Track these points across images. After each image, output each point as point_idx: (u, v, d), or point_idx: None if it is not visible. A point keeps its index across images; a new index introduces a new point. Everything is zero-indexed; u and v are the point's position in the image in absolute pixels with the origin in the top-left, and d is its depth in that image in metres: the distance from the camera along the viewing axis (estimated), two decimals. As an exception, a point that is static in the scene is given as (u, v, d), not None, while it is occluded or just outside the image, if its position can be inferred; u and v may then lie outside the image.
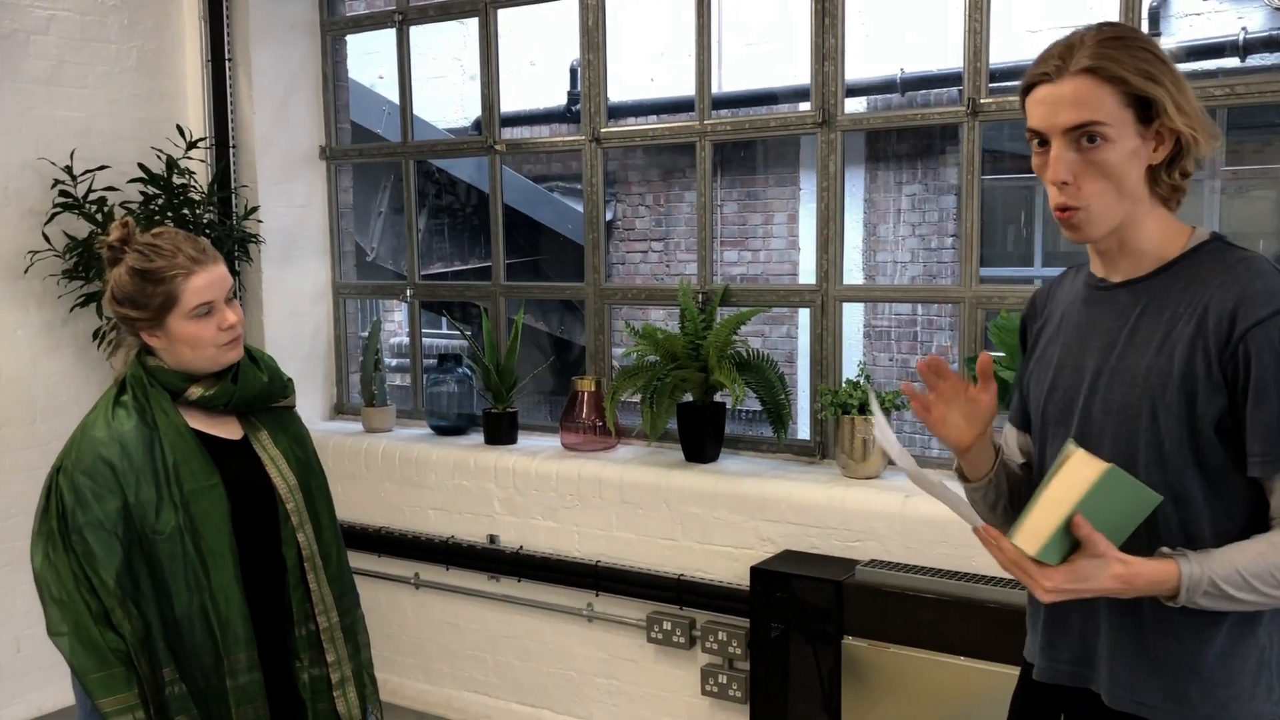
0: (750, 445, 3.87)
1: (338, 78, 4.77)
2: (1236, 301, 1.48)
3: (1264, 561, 1.47)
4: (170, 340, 2.04)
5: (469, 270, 8.16)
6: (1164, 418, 1.53)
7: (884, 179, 7.59)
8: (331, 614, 2.17)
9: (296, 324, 4.62)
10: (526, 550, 3.93)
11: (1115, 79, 1.49)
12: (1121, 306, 1.61)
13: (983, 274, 3.50)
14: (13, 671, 4.10)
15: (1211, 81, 3.18)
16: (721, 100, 7.03)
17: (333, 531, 2.22)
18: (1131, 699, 1.59)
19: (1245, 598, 1.47)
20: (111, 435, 2.02)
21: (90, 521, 1.96)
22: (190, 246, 2.03)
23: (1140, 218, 1.57)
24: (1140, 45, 1.52)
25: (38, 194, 4.07)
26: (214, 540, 2.02)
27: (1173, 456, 1.53)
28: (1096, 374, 1.61)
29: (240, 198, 4.45)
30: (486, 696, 4.12)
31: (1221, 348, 1.49)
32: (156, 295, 2.01)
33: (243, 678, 2.04)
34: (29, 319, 4.13)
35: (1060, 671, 1.68)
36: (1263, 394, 1.47)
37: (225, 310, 2.04)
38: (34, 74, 4.08)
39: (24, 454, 4.10)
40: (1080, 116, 1.50)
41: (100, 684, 1.94)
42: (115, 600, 1.95)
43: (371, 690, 2.26)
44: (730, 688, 3.49)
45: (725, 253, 7.97)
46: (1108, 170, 1.51)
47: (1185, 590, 1.48)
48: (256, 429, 2.15)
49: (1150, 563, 1.49)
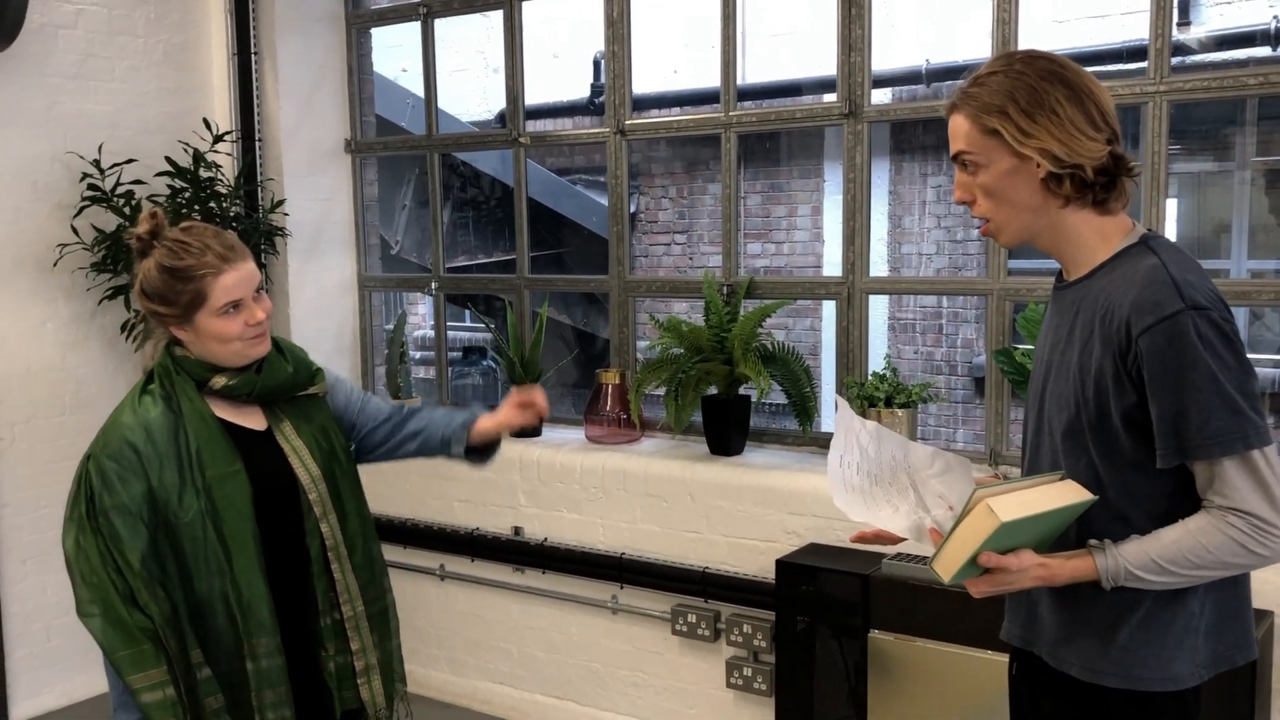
0: (775, 438, 3.86)
1: (363, 71, 4.78)
2: (1130, 308, 1.62)
3: (1178, 548, 1.62)
4: (198, 336, 2.06)
5: (493, 263, 8.17)
6: (1085, 411, 1.68)
7: (909, 171, 7.55)
8: (356, 603, 2.18)
9: (322, 317, 4.64)
10: (551, 542, 3.94)
11: (969, 114, 1.70)
12: (1066, 305, 1.76)
13: (1010, 266, 3.47)
14: (44, 660, 4.14)
15: (1243, 71, 3.15)
16: (745, 92, 7.00)
17: (359, 521, 2.21)
18: (1066, 659, 1.75)
19: (1164, 580, 1.63)
20: (137, 421, 2.04)
21: (116, 505, 2.00)
22: (218, 243, 2.03)
23: (1058, 224, 1.72)
24: (1006, 75, 1.67)
25: (66, 187, 4.10)
26: (236, 526, 2.03)
27: (1099, 449, 1.68)
28: (1047, 369, 1.78)
29: (266, 191, 4.46)
30: (511, 688, 4.13)
31: (1124, 351, 1.63)
32: (185, 293, 2.02)
33: (264, 662, 2.05)
34: (58, 311, 4.16)
35: (1014, 635, 1.89)
36: (1155, 394, 1.61)
37: (253, 307, 2.06)
38: (62, 68, 4.11)
39: (53, 445, 4.13)
40: (955, 147, 1.74)
41: (129, 661, 1.97)
42: (141, 582, 1.98)
43: (399, 678, 2.27)
44: (755, 681, 3.49)
45: (749, 245, 7.94)
46: (989, 190, 1.71)
47: (1104, 580, 1.65)
48: (279, 420, 2.16)
49: (1069, 562, 1.66)
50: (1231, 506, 1.60)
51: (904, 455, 1.78)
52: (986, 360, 3.51)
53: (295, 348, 2.25)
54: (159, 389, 2.08)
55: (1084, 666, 1.73)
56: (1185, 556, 1.62)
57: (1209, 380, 1.58)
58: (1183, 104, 3.18)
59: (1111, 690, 1.71)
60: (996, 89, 1.68)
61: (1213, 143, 6.59)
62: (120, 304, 4.11)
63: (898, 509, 1.78)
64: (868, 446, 1.78)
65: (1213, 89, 3.12)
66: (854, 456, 1.78)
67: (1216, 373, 1.58)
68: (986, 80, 1.70)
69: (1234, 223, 6.53)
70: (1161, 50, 3.12)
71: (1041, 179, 1.68)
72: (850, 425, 1.79)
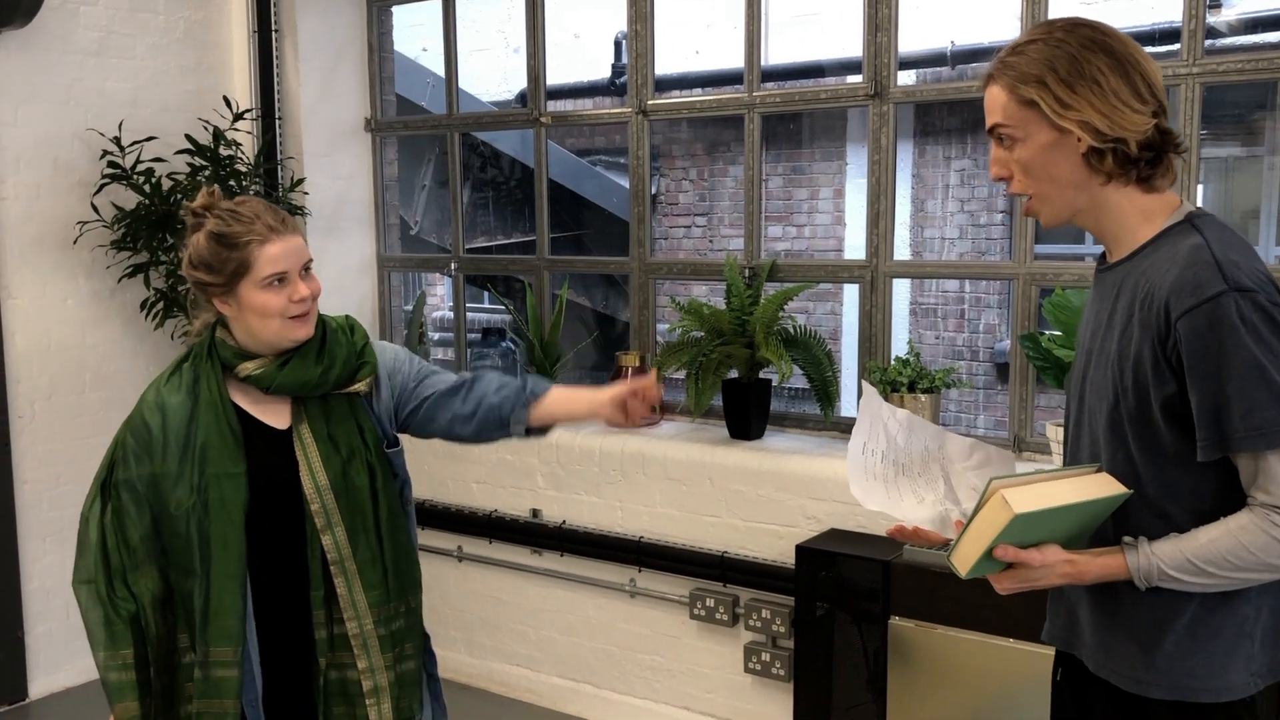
0: (796, 422, 3.83)
1: (383, 49, 4.75)
2: (1169, 290, 1.53)
3: (1216, 548, 1.52)
4: (241, 309, 1.99)
5: (512, 244, 8.15)
6: (1124, 400, 1.59)
7: (932, 154, 7.47)
8: (365, 620, 2.03)
9: (341, 297, 4.63)
10: (569, 525, 3.92)
11: (1006, 85, 1.62)
12: (1107, 289, 1.67)
13: (1036, 250, 3.42)
14: (63, 637, 4.15)
15: (1276, 53, 3.09)
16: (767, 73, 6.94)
17: (378, 536, 2.05)
18: (1107, 666, 1.66)
19: (1202, 582, 1.53)
20: (158, 401, 2.03)
21: (126, 479, 2.00)
22: (270, 216, 2.00)
23: (1100, 202, 1.63)
24: (1047, 44, 1.59)
25: (86, 165, 4.10)
26: (222, 529, 1.97)
27: (1138, 439, 1.59)
28: (1088, 356, 1.70)
29: (286, 169, 4.45)
30: (528, 670, 4.13)
31: (1162, 336, 1.54)
32: (231, 261, 1.96)
33: (217, 671, 1.97)
34: (78, 289, 4.16)
35: (1056, 637, 1.79)
36: (1194, 382, 1.51)
37: (299, 283, 1.99)
38: (83, 45, 4.10)
39: (74, 422, 4.14)
40: (991, 120, 1.65)
41: (102, 637, 1.97)
42: (138, 559, 1.98)
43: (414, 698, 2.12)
44: (774, 666, 3.47)
45: (770, 228, 7.89)
46: (1027, 165, 1.63)
47: (1137, 580, 1.56)
48: (301, 419, 2.04)
49: (1098, 559, 1.58)
50: (1276, 505, 1.50)
51: (939, 446, 1.73)
52: (1011, 346, 3.47)
53: (343, 338, 2.08)
54: (189, 371, 2.04)
55: (1127, 676, 1.64)
56: (1224, 557, 1.51)
57: (1253, 367, 1.48)
58: (1213, 87, 3.13)
59: (1156, 702, 1.61)
60: (1035, 58, 1.59)
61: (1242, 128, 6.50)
62: (140, 282, 4.11)
63: (923, 500, 1.72)
64: (896, 435, 1.73)
65: (1246, 71, 3.07)
66: (879, 444, 1.73)
67: (1261, 359, 1.48)
68: (1025, 49, 1.61)
69: (1263, 209, 6.45)
70: (1195, 31, 3.06)
71: (1082, 154, 1.59)
72: (878, 413, 1.74)
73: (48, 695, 4.14)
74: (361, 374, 2.08)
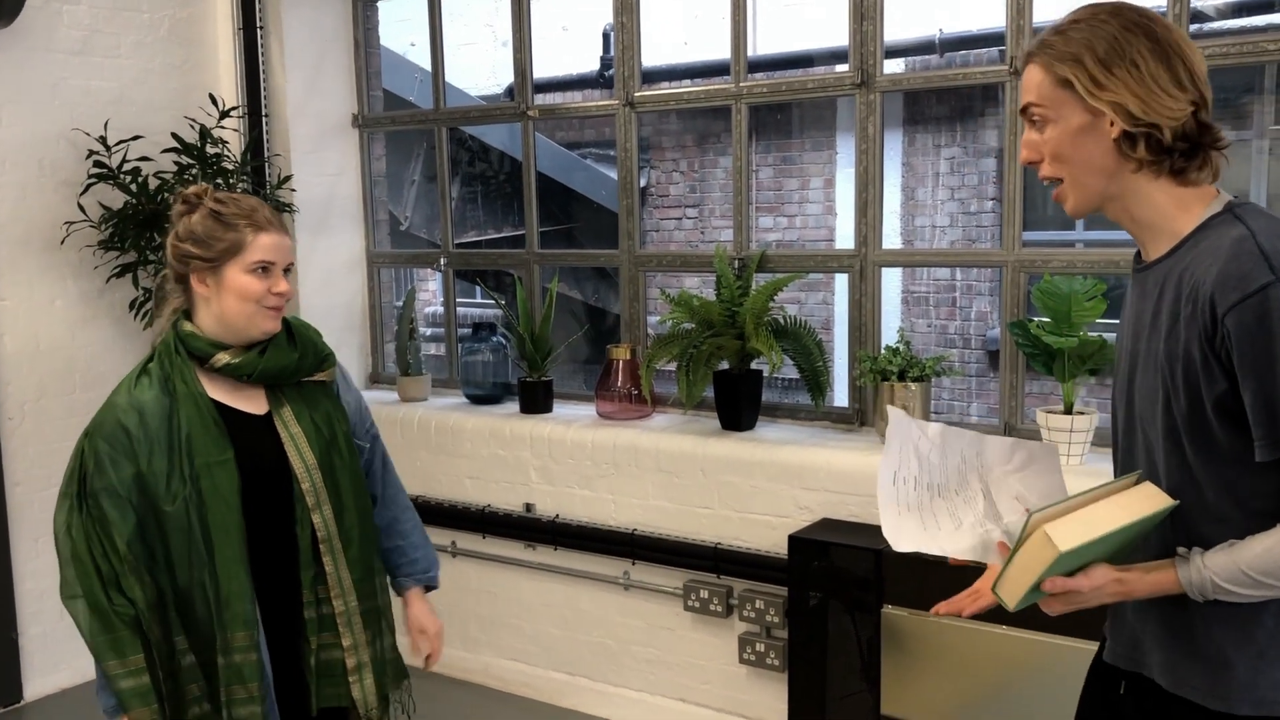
0: (788, 413, 3.83)
1: (370, 45, 4.73)
2: (1214, 284, 1.48)
3: (1270, 557, 1.46)
4: (220, 289, 2.05)
5: (503, 238, 8.13)
6: (1175, 402, 1.54)
7: (922, 142, 7.47)
8: (350, 598, 2.12)
9: (331, 293, 4.62)
10: (563, 519, 3.92)
11: (1044, 63, 1.58)
12: (1148, 289, 1.62)
13: (1025, 238, 3.42)
14: (57, 638, 4.15)
15: (1263, 37, 3.08)
16: (757, 63, 6.93)
17: (357, 515, 2.15)
18: (1186, 684, 1.60)
19: (1258, 594, 1.48)
20: (131, 403, 2.04)
21: (106, 487, 1.99)
22: (268, 211, 2.10)
23: (1135, 191, 1.58)
24: (1089, 25, 1.56)
25: (72, 165, 4.08)
26: (221, 516, 2.01)
27: (1191, 442, 1.53)
28: (1133, 359, 1.64)
29: (273, 167, 4.44)
30: (524, 664, 4.13)
31: (1211, 331, 1.49)
32: (225, 240, 2.04)
33: (238, 656, 2.01)
34: (66, 290, 4.14)
35: (1119, 655, 1.72)
36: (1245, 378, 1.46)
37: (281, 278, 2.08)
38: (67, 44, 4.08)
39: (64, 423, 4.13)
40: (1024, 100, 1.62)
41: (107, 646, 1.96)
42: (127, 566, 1.97)
43: (394, 676, 2.21)
44: (768, 656, 3.47)
45: (761, 218, 7.89)
46: (1057, 148, 1.59)
47: (1191, 594, 1.51)
48: (281, 404, 2.12)
49: (1149, 576, 1.54)
50: None
51: (976, 453, 1.67)
52: (1001, 333, 3.47)
53: (309, 330, 2.22)
54: (158, 369, 2.06)
55: (1208, 693, 1.57)
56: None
57: None
58: (1202, 71, 3.12)
59: (1242, 718, 1.56)
60: (1075, 38, 1.56)
61: (1231, 111, 6.50)
62: (128, 282, 4.10)
63: (960, 524, 1.65)
64: (930, 455, 1.67)
65: (1231, 55, 3.06)
66: (910, 470, 1.67)
67: None
68: (1067, 29, 1.58)
69: (1252, 192, 6.45)
70: (1180, 15, 3.06)
71: (1114, 139, 1.55)
72: (907, 435, 1.68)
73: (43, 697, 4.13)
74: (326, 363, 2.20)
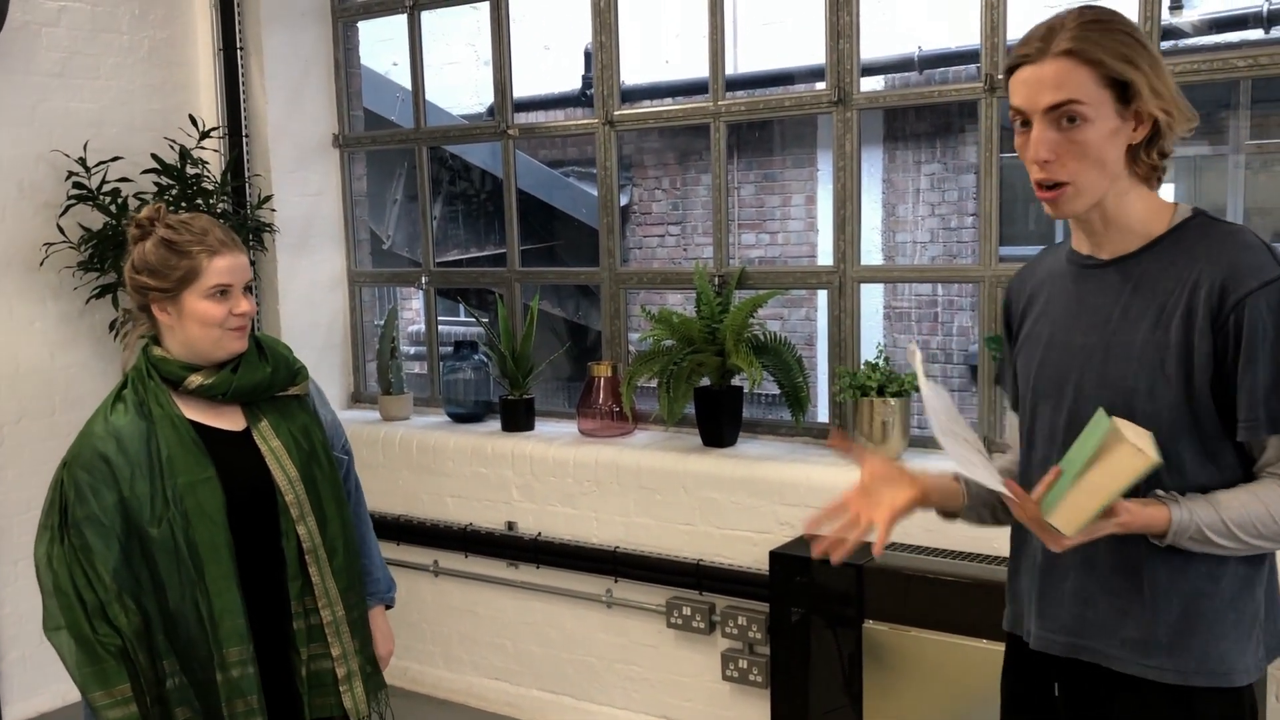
0: (769, 429, 3.84)
1: (350, 65, 4.74)
2: (1226, 274, 1.55)
3: (1247, 512, 1.57)
4: (181, 317, 2.05)
5: (485, 257, 8.14)
6: (1163, 390, 1.60)
7: (902, 159, 7.52)
8: (336, 607, 2.15)
9: (312, 312, 4.61)
10: (545, 537, 3.92)
11: (1093, 61, 1.54)
12: (1111, 284, 1.66)
13: (1002, 253, 3.45)
14: (38, 662, 4.11)
15: (1235, 53, 3.12)
16: (737, 81, 6.97)
17: (340, 524, 2.18)
18: (1136, 662, 1.65)
19: (1226, 544, 1.58)
20: (108, 430, 2.03)
21: (88, 516, 1.99)
22: (220, 231, 2.09)
23: (1122, 195, 1.63)
24: (1119, 28, 1.57)
25: (52, 186, 4.07)
26: (207, 534, 2.01)
27: (1171, 427, 1.60)
28: (1089, 350, 1.67)
29: (254, 187, 4.44)
30: (507, 683, 4.12)
31: (1214, 319, 1.56)
32: (179, 268, 2.03)
33: (235, 671, 2.03)
34: (46, 311, 4.13)
35: (1055, 642, 1.74)
36: (1251, 361, 1.55)
37: (241, 298, 2.08)
38: (46, 66, 4.08)
39: (44, 445, 4.11)
40: (1059, 96, 1.55)
41: (93, 678, 1.96)
42: (112, 594, 1.97)
43: (375, 683, 2.24)
44: (751, 672, 3.47)
45: (743, 235, 7.92)
46: (1087, 149, 1.57)
47: (1172, 534, 1.57)
48: (258, 419, 2.14)
49: (1146, 509, 1.57)
50: None
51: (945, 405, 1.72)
52: (979, 348, 3.49)
53: (279, 346, 2.23)
54: (132, 395, 2.07)
55: (1163, 668, 1.64)
56: (1253, 524, 1.57)
57: None
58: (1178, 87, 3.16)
59: (1200, 690, 1.63)
60: (1118, 38, 1.55)
61: (1207, 127, 6.57)
62: (108, 303, 4.08)
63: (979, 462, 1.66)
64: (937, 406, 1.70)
65: (1202, 71, 3.10)
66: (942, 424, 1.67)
67: None
68: (1088, 29, 1.55)
69: (1229, 206, 6.51)
70: (1151, 32, 3.09)
71: (1133, 144, 1.59)
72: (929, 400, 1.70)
73: (23, 721, 4.11)
74: (299, 376, 2.22)
